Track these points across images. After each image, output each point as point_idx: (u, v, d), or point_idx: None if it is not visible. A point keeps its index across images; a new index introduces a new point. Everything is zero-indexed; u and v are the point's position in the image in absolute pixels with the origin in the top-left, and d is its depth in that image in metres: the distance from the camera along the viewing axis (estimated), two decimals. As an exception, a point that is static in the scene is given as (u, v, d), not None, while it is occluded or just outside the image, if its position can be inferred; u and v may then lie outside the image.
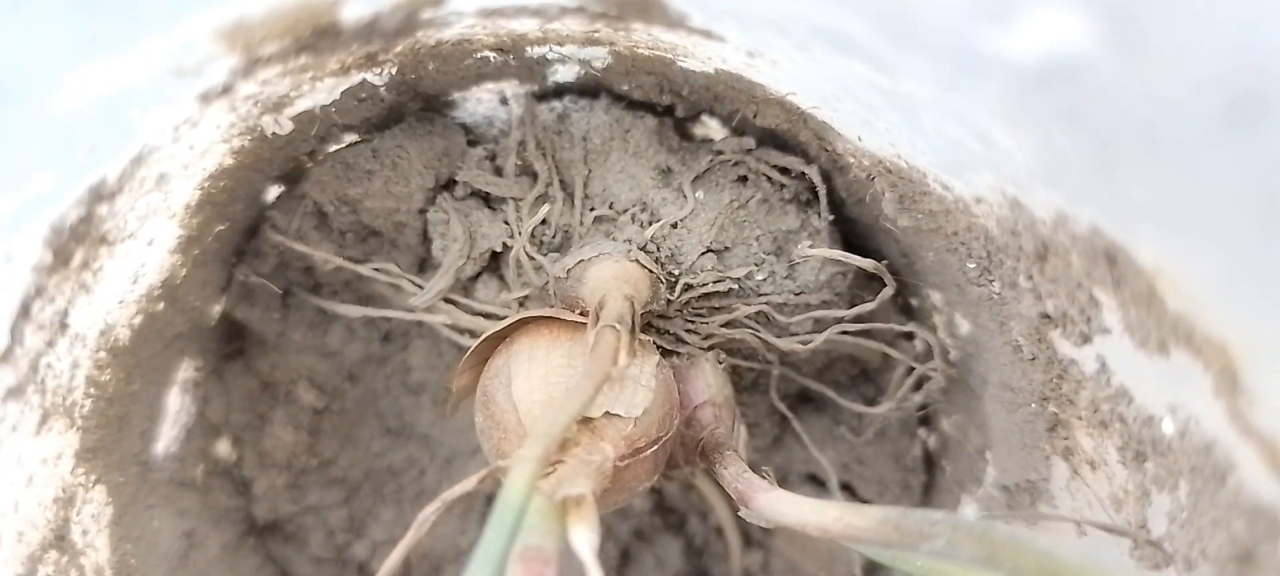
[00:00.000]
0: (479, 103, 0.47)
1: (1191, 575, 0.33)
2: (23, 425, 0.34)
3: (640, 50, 0.41)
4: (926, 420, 0.53)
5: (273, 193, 0.46)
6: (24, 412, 0.34)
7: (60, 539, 0.39)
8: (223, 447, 0.53)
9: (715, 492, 0.54)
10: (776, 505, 0.37)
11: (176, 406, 0.48)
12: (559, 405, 0.35)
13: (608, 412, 0.39)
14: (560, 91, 0.47)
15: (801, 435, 0.50)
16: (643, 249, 0.43)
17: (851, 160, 0.42)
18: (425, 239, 0.47)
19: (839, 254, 0.43)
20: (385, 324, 0.52)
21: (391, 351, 0.53)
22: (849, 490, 0.55)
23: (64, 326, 0.34)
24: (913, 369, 0.48)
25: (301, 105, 0.37)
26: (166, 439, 0.48)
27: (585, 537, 0.33)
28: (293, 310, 0.51)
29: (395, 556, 0.36)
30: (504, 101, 0.47)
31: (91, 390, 0.39)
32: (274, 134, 0.37)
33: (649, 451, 0.40)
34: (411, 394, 0.54)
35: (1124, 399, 0.34)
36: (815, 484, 0.55)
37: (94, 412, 0.40)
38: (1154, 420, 0.33)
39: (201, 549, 0.50)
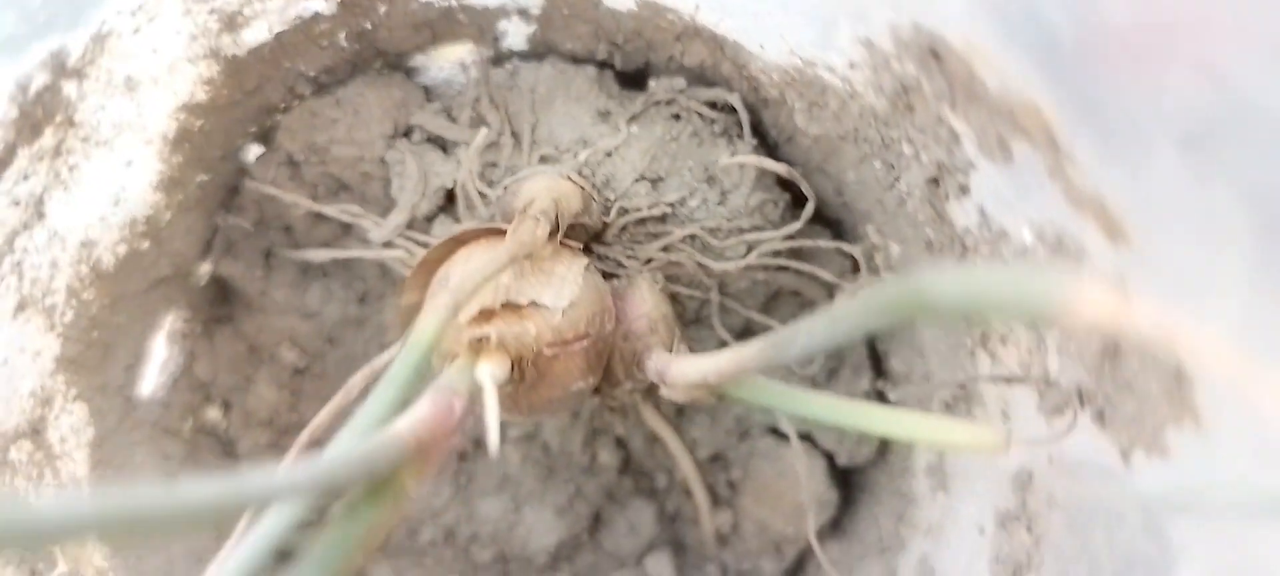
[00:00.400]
0: (440, 69, 0.52)
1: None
2: (-1, 298, 0.38)
3: (563, -16, 0.45)
4: (877, 363, 0.55)
5: (253, 153, 0.51)
6: (-1, 285, 0.38)
7: (36, 432, 0.42)
8: (213, 413, 0.56)
9: (679, 445, 0.55)
10: (684, 368, 0.39)
11: (164, 355, 0.52)
12: (475, 268, 0.38)
13: (533, 302, 0.41)
14: (512, 56, 0.52)
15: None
16: (577, 172, 0.47)
17: (764, 78, 0.45)
18: (390, 191, 0.51)
19: (756, 159, 0.46)
20: (361, 285, 0.56)
21: (368, 312, 0.56)
22: (809, 440, 0.56)
23: (41, 214, 0.39)
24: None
25: (258, 29, 0.42)
26: (153, 383, 0.52)
27: (488, 370, 0.35)
28: (274, 270, 0.55)
29: (322, 416, 0.39)
30: (464, 68, 0.52)
31: (73, 301, 0.43)
32: (234, 56, 0.42)
33: (577, 345, 0.42)
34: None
35: (1002, 239, 0.36)
36: (777, 436, 0.56)
37: (76, 326, 0.44)
38: (1027, 249, 0.35)
39: (184, 495, 0.53)
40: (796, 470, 0.54)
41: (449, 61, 0.52)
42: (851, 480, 0.58)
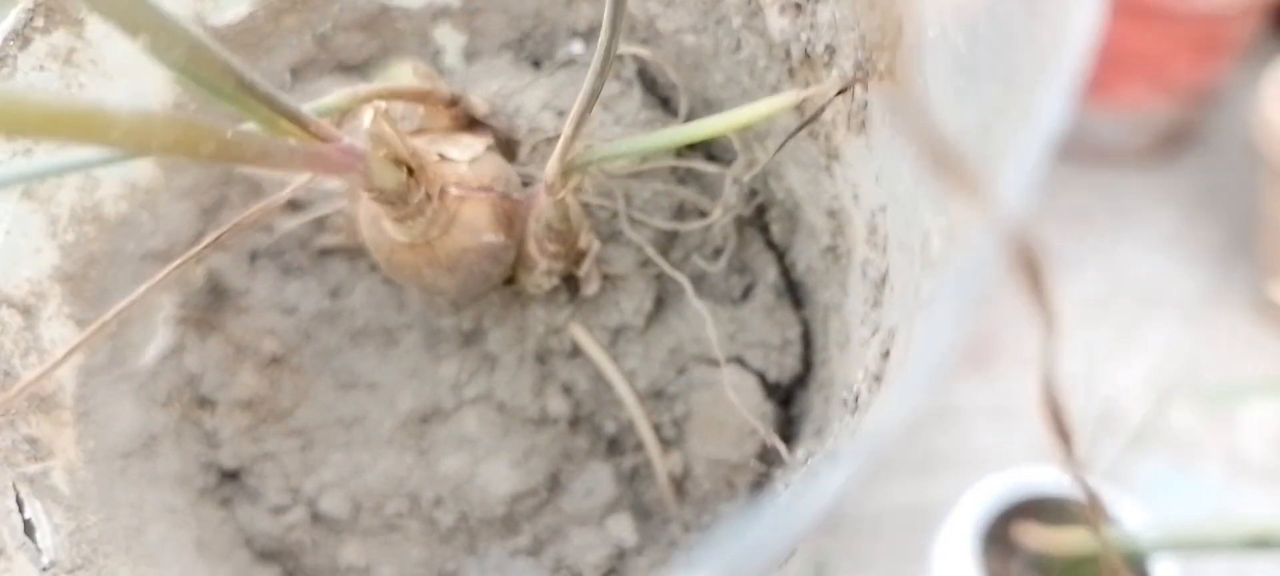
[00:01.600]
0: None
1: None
2: (9, 171, 0.48)
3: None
4: (787, 276, 0.59)
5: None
6: (10, 158, 0.48)
7: (27, 312, 0.49)
8: (199, 412, 0.62)
9: (616, 373, 0.59)
10: (551, 160, 0.46)
11: (158, 332, 0.60)
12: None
13: (441, 154, 0.49)
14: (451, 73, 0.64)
15: (680, 281, 0.57)
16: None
17: (632, 9, 0.56)
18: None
19: (634, 49, 0.55)
20: (333, 278, 0.64)
21: (340, 306, 0.64)
22: (739, 362, 0.59)
23: (51, 115, 0.49)
24: (745, 222, 0.57)
25: (236, 3, 0.55)
26: (145, 354, 0.59)
27: (370, 115, 0.43)
28: (258, 271, 0.63)
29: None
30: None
31: (75, 227, 0.52)
32: (215, 28, 0.54)
33: (483, 194, 0.50)
34: (357, 346, 0.63)
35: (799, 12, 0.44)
36: (710, 364, 0.59)
37: (76, 251, 0.53)
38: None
39: (162, 459, 0.58)
40: (732, 394, 0.57)
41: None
42: (789, 410, 0.60)
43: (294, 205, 0.63)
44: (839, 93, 0.42)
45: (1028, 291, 0.17)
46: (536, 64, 0.62)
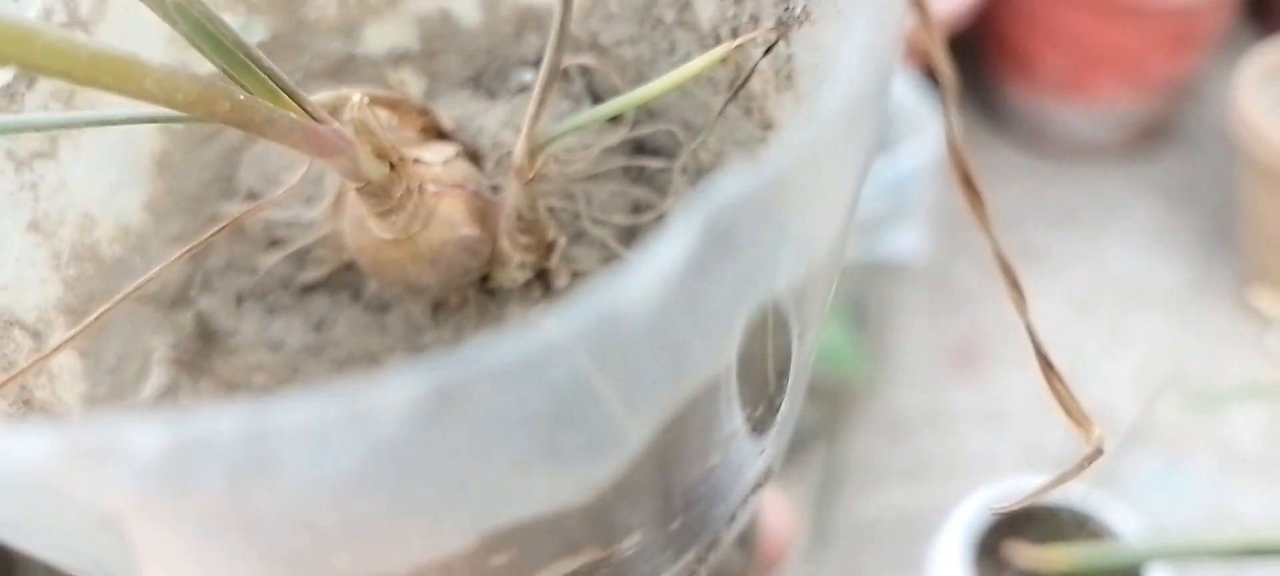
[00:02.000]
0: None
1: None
2: (17, 202, 0.52)
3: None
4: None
5: (222, 206, 0.67)
6: (18, 190, 0.52)
7: (36, 336, 0.53)
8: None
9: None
10: (517, 146, 0.52)
11: (153, 375, 0.63)
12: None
13: (417, 158, 0.55)
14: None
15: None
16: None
17: (575, 29, 0.63)
18: (329, 213, 0.66)
19: (582, 62, 0.61)
20: (317, 312, 0.67)
21: (325, 339, 0.67)
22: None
23: (54, 152, 0.54)
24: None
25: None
26: (145, 393, 0.61)
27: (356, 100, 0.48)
28: (245, 313, 0.67)
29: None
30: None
31: (76, 264, 0.56)
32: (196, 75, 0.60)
33: (457, 190, 0.55)
34: (343, 375, 0.67)
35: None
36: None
37: (78, 285, 0.56)
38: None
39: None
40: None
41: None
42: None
43: (274, 242, 0.67)
44: (766, 52, 0.48)
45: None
46: (492, 96, 0.68)
